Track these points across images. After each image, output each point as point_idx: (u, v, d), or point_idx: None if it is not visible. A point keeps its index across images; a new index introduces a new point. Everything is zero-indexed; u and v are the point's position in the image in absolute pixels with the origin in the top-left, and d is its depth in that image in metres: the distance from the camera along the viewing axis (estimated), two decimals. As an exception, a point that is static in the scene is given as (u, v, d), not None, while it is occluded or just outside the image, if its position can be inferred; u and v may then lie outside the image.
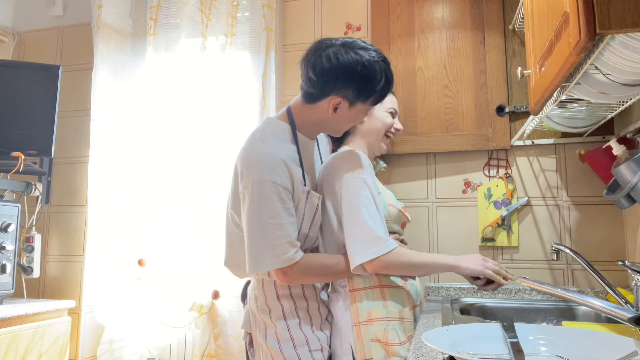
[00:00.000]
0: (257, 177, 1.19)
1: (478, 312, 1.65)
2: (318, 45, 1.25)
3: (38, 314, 1.90)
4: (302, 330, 1.28)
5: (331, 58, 1.21)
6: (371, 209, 1.24)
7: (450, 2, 1.95)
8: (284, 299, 1.30)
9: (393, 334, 1.24)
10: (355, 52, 1.21)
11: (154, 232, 2.11)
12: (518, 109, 1.84)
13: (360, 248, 1.22)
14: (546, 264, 1.80)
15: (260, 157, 1.21)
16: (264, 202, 1.18)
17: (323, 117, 1.28)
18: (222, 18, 2.15)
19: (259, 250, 1.20)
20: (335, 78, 1.21)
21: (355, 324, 1.26)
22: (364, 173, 1.28)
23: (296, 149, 1.28)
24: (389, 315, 1.27)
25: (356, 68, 1.20)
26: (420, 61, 1.96)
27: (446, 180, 1.94)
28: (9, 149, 2.00)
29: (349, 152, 1.35)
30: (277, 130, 1.29)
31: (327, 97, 1.24)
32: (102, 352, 2.05)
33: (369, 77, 1.22)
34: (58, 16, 2.45)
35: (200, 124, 2.11)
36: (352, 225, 1.24)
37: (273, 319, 1.29)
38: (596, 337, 0.92)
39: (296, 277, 1.24)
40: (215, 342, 1.97)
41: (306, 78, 1.26)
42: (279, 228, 1.19)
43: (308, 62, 1.25)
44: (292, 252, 1.20)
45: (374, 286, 1.30)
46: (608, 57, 0.94)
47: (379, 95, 1.27)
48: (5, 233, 1.92)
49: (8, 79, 2.07)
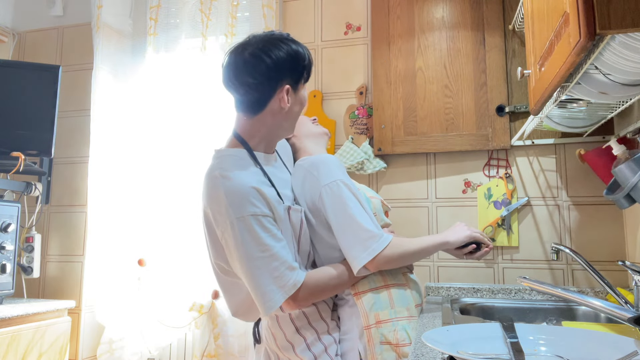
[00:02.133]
0: (234, 217, 1.12)
1: (478, 312, 1.65)
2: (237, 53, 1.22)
3: (38, 314, 1.90)
4: (329, 354, 1.23)
5: (260, 56, 1.18)
6: (358, 208, 1.22)
7: (450, 2, 1.95)
8: (304, 330, 1.23)
9: (403, 335, 1.21)
10: (276, 44, 1.20)
11: (154, 232, 2.11)
12: (518, 109, 1.84)
13: (358, 250, 1.20)
14: (546, 264, 1.80)
15: (228, 194, 1.13)
16: (249, 239, 1.12)
17: (276, 118, 1.24)
18: (222, 18, 2.15)
19: (264, 289, 1.13)
20: (276, 72, 1.19)
21: (366, 327, 1.22)
22: (339, 173, 1.25)
23: (261, 170, 1.21)
24: (397, 315, 1.24)
25: (285, 54, 1.19)
26: (420, 61, 1.96)
27: (446, 180, 1.94)
28: (9, 149, 2.00)
29: (315, 159, 1.31)
30: (233, 160, 1.21)
31: (275, 93, 1.21)
32: (102, 352, 2.05)
33: (299, 58, 1.22)
34: (58, 16, 2.45)
35: (200, 124, 2.11)
36: (344, 229, 1.21)
37: (298, 354, 1.22)
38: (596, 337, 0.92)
39: (306, 298, 1.18)
40: (215, 342, 1.97)
41: (243, 88, 1.21)
42: (273, 259, 1.13)
43: (236, 71, 1.21)
44: (294, 277, 1.15)
45: (379, 287, 1.27)
46: (608, 57, 0.94)
47: (308, 71, 1.26)
48: (5, 233, 1.92)
49: (8, 79, 2.07)
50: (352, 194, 1.23)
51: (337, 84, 2.09)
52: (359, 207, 1.23)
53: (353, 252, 1.20)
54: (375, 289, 1.28)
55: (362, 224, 1.20)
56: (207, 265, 1.96)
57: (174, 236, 2.08)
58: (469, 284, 1.83)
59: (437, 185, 1.94)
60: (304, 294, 1.17)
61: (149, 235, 2.11)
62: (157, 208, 2.12)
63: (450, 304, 1.59)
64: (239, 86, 1.22)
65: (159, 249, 2.09)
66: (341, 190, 1.22)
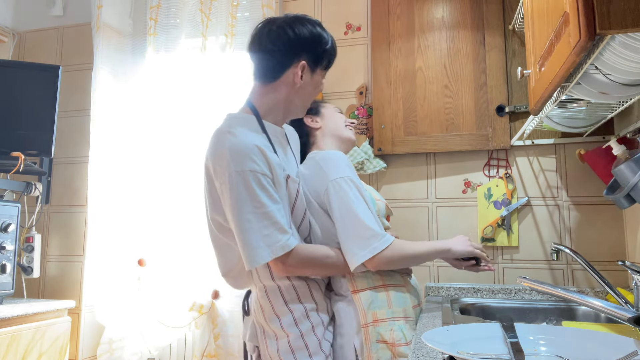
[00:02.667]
0: (233, 169, 1.15)
1: (478, 312, 1.65)
2: (265, 23, 1.29)
3: (38, 314, 1.90)
4: (315, 334, 1.24)
5: (284, 29, 1.25)
6: (362, 207, 1.23)
7: (450, 2, 1.95)
8: (292, 304, 1.24)
9: (399, 335, 1.22)
10: (300, 21, 1.28)
11: (154, 232, 2.11)
12: (518, 109, 1.84)
13: (358, 247, 1.20)
14: (546, 264, 1.80)
15: (232, 149, 1.17)
16: (245, 194, 1.14)
17: (285, 93, 1.28)
18: (222, 18, 2.15)
19: (252, 243, 1.15)
20: (296, 45, 1.25)
21: (364, 326, 1.23)
22: (348, 170, 1.27)
23: (266, 137, 1.25)
24: (394, 315, 1.25)
25: (308, 34, 1.26)
26: (420, 61, 1.96)
27: (446, 180, 1.94)
28: (9, 149, 2.00)
29: (327, 153, 1.33)
30: (242, 122, 1.25)
31: (291, 65, 1.26)
32: (102, 352, 2.05)
33: (321, 41, 1.29)
34: (58, 16, 2.45)
35: (200, 124, 2.11)
36: (346, 225, 1.22)
37: (285, 328, 1.23)
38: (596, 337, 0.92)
39: (296, 266, 1.19)
40: (215, 342, 1.97)
41: (263, 54, 1.27)
42: (265, 217, 1.15)
43: (261, 38, 1.27)
44: (285, 239, 1.16)
45: (378, 286, 1.28)
46: (608, 57, 0.94)
47: (330, 58, 1.33)
48: (5, 233, 1.92)
49: (8, 79, 2.07)
50: (358, 192, 1.24)
51: (337, 83, 2.09)
52: (364, 205, 1.24)
53: (353, 249, 1.21)
54: (374, 288, 1.28)
55: (366, 222, 1.21)
56: (207, 265, 1.99)
57: (174, 236, 2.08)
58: (469, 284, 1.83)
59: (437, 185, 1.94)
60: (294, 261, 1.18)
61: (149, 235, 2.11)
62: (157, 208, 2.12)
63: (450, 304, 1.59)
64: (259, 51, 1.27)
65: (159, 249, 2.09)
66: (349, 187, 1.24)
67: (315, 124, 1.48)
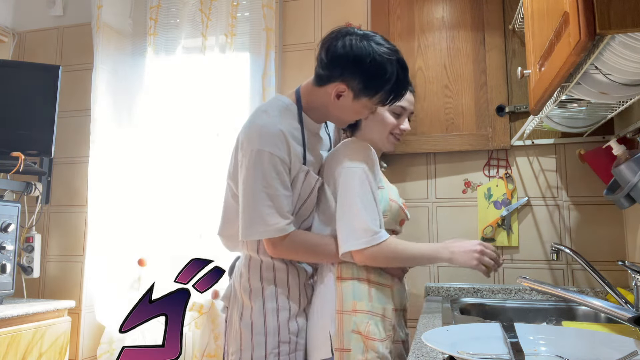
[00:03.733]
0: (255, 147, 1.21)
1: (478, 312, 1.65)
2: (339, 31, 1.26)
3: (38, 314, 1.90)
4: (278, 317, 1.27)
5: (345, 44, 1.21)
6: (367, 200, 1.24)
7: (450, 2, 1.95)
8: (266, 282, 1.30)
9: (375, 329, 1.23)
10: (370, 44, 1.20)
11: (154, 232, 2.10)
12: (518, 109, 1.84)
13: (351, 236, 1.23)
14: (546, 264, 1.80)
15: (260, 128, 1.24)
16: (260, 172, 1.20)
17: (327, 101, 1.28)
18: (222, 18, 2.15)
19: (251, 218, 1.21)
20: (344, 64, 1.21)
21: (339, 312, 1.24)
22: (365, 163, 1.28)
23: (300, 128, 1.28)
24: (373, 310, 1.26)
25: (366, 60, 1.19)
26: (420, 61, 1.96)
27: (446, 180, 1.94)
28: (9, 149, 2.00)
29: (354, 141, 1.35)
30: (282, 105, 1.30)
31: (334, 82, 1.24)
32: (102, 352, 2.05)
33: (378, 73, 1.21)
34: (58, 16, 2.45)
35: (200, 123, 2.11)
36: (346, 212, 1.25)
37: (252, 300, 1.29)
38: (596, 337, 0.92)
39: (285, 250, 1.25)
40: (215, 342, 1.97)
41: (319, 59, 1.27)
42: (271, 198, 1.20)
43: (324, 44, 1.26)
44: (283, 224, 1.22)
45: (361, 279, 1.29)
46: (608, 57, 0.94)
47: (386, 96, 1.25)
48: (5, 233, 1.92)
49: (8, 79, 2.07)
50: (368, 185, 1.26)
51: (337, 84, 2.09)
52: (369, 198, 1.25)
53: (345, 236, 1.24)
54: (358, 279, 1.29)
55: (362, 216, 1.22)
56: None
57: (174, 236, 2.08)
58: (469, 284, 1.83)
59: (437, 185, 1.94)
60: (285, 245, 1.24)
61: (149, 235, 2.11)
62: (157, 208, 2.12)
63: (450, 304, 1.59)
64: (318, 54, 1.28)
65: (159, 249, 2.09)
66: (360, 178, 1.25)
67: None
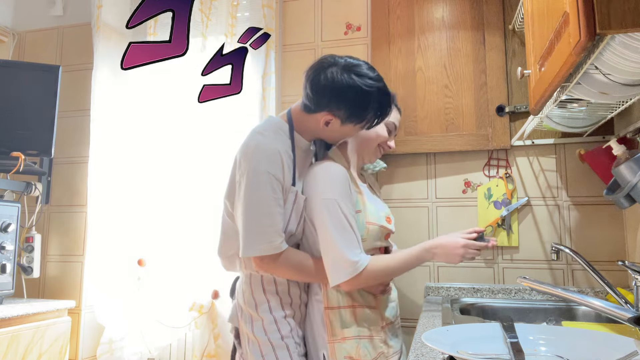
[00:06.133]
0: (253, 166, 1.26)
1: (478, 312, 1.65)
2: (321, 61, 1.32)
3: (38, 314, 1.90)
4: (288, 322, 1.33)
5: (328, 78, 1.28)
6: (342, 230, 1.28)
7: (450, 2, 1.95)
8: (270, 294, 1.34)
9: (365, 351, 1.31)
10: (352, 77, 1.27)
11: (154, 232, 2.10)
12: (518, 109, 1.84)
13: (335, 270, 1.27)
14: (546, 264, 1.80)
15: (257, 148, 1.29)
16: (257, 191, 1.25)
17: (316, 127, 1.36)
18: (222, 18, 2.14)
19: (251, 235, 1.26)
20: (328, 98, 1.29)
21: (330, 342, 1.31)
22: (338, 192, 1.31)
23: (292, 146, 1.34)
24: (360, 333, 1.33)
25: (348, 93, 1.27)
26: (420, 61, 1.96)
27: (446, 180, 1.94)
28: (9, 149, 2.00)
29: (327, 166, 1.36)
30: (276, 126, 1.37)
31: (320, 112, 1.31)
32: (102, 352, 2.05)
33: (361, 104, 1.29)
34: (58, 16, 2.45)
35: (200, 124, 2.10)
36: (326, 247, 1.29)
37: (259, 313, 1.34)
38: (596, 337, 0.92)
39: (275, 267, 1.29)
40: (215, 342, 1.97)
41: (305, 91, 1.33)
42: (268, 216, 1.25)
43: (308, 76, 1.32)
44: (279, 242, 1.26)
45: (347, 306, 1.35)
46: (608, 57, 0.94)
47: (371, 120, 1.34)
48: (5, 233, 1.92)
49: (8, 79, 2.07)
50: (342, 215, 1.29)
51: (337, 84, 2.09)
52: (345, 229, 1.28)
53: (330, 270, 1.29)
54: (344, 307, 1.35)
55: (340, 248, 1.26)
56: (207, 266, 1.99)
57: (174, 236, 2.07)
58: (469, 284, 1.83)
59: (437, 185, 1.94)
60: (279, 263, 1.28)
61: (149, 235, 2.11)
62: (157, 208, 2.12)
63: (450, 304, 1.59)
64: (304, 85, 1.34)
65: (159, 249, 2.09)
66: (334, 209, 1.29)
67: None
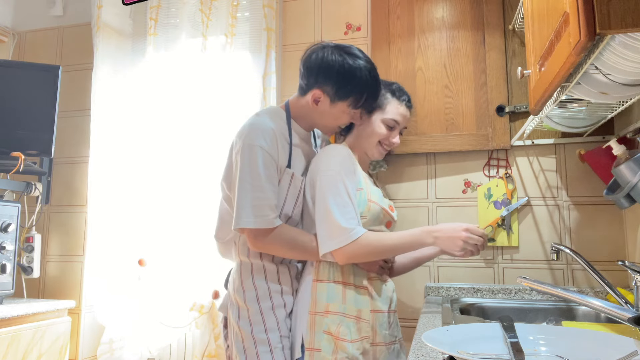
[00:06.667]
0: (247, 142, 1.30)
1: (478, 312, 1.65)
2: (315, 45, 1.41)
3: (38, 314, 1.91)
4: (275, 314, 1.33)
5: (318, 56, 1.36)
6: (340, 201, 1.29)
7: (450, 2, 1.95)
8: (259, 282, 1.35)
9: (345, 330, 1.28)
10: (342, 54, 1.34)
11: (154, 232, 2.10)
12: (518, 109, 1.84)
13: (327, 237, 1.28)
14: (546, 264, 1.80)
15: (251, 126, 1.34)
16: (250, 165, 1.28)
17: (309, 109, 1.39)
18: (222, 18, 2.14)
19: (243, 207, 1.27)
20: (316, 73, 1.35)
21: (311, 313, 1.30)
22: (339, 166, 1.34)
23: (288, 130, 1.38)
24: (346, 312, 1.31)
25: (335, 67, 1.33)
26: (420, 61, 1.96)
27: (446, 180, 1.94)
28: (9, 149, 2.00)
29: (332, 147, 1.42)
30: (272, 110, 1.43)
31: (311, 89, 1.37)
32: (102, 352, 2.05)
33: (347, 78, 1.33)
34: (58, 16, 2.45)
35: (200, 124, 2.10)
36: (322, 215, 1.30)
37: (246, 302, 1.34)
38: (596, 337, 0.92)
39: (268, 243, 1.30)
40: (215, 342, 1.97)
41: (300, 72, 1.41)
42: (259, 190, 1.27)
43: (302, 58, 1.41)
44: (272, 216, 1.28)
45: (336, 281, 1.34)
46: (608, 57, 0.94)
47: (358, 98, 1.36)
48: (5, 233, 1.92)
49: (8, 79, 2.07)
50: (343, 187, 1.31)
51: (337, 84, 2.09)
52: (342, 200, 1.29)
53: (321, 238, 1.30)
54: (333, 282, 1.33)
55: (336, 216, 1.27)
56: (207, 265, 1.99)
57: (174, 236, 2.07)
58: (469, 284, 1.83)
59: (437, 185, 1.94)
60: (271, 239, 1.29)
61: (149, 235, 2.11)
62: (157, 208, 2.12)
63: (450, 304, 1.59)
64: (300, 68, 1.41)
65: (159, 249, 2.09)
66: (334, 180, 1.31)
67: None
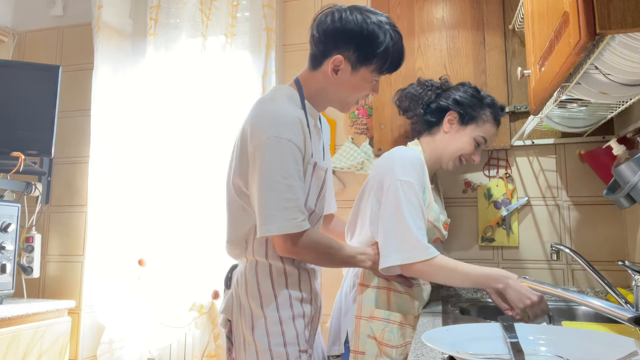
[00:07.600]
0: (272, 134, 1.12)
1: (478, 312, 1.65)
2: (328, 8, 1.24)
3: (38, 314, 1.90)
4: (295, 325, 1.19)
5: (335, 18, 1.20)
6: (416, 215, 1.22)
7: (450, 2, 1.94)
8: (279, 288, 1.20)
9: (390, 336, 1.27)
10: (361, 12, 1.19)
11: (154, 232, 2.11)
12: (518, 109, 1.84)
13: (397, 249, 1.20)
14: (546, 264, 1.80)
15: (274, 114, 1.15)
16: (278, 161, 1.11)
17: (326, 83, 1.24)
18: (222, 18, 2.14)
19: (270, 211, 1.11)
20: (336, 36, 1.19)
21: (357, 317, 1.28)
22: (416, 177, 1.26)
23: (304, 115, 1.22)
24: (391, 318, 1.30)
25: (357, 28, 1.18)
26: (420, 61, 1.96)
27: (446, 180, 1.93)
28: (9, 149, 2.00)
29: (407, 152, 1.33)
30: (287, 94, 1.25)
31: (329, 57, 1.21)
32: (102, 352, 2.05)
33: (371, 38, 1.18)
34: (58, 16, 2.45)
35: (200, 124, 2.11)
36: (395, 225, 1.21)
37: (264, 309, 1.18)
38: (596, 337, 0.92)
39: (301, 249, 1.16)
40: (215, 342, 1.97)
41: (312, 39, 1.24)
42: (290, 190, 1.11)
43: (315, 22, 1.24)
44: (301, 219, 1.13)
45: (382, 287, 1.31)
46: (608, 57, 0.94)
47: (383, 61, 1.21)
48: (5, 233, 1.92)
49: (8, 79, 2.07)
50: (417, 200, 1.23)
51: (337, 84, 2.09)
52: (419, 215, 1.23)
53: (391, 247, 1.21)
54: (378, 288, 1.32)
55: (412, 229, 1.20)
56: (207, 265, 1.99)
57: (174, 236, 2.08)
58: (469, 284, 1.82)
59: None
60: (302, 243, 1.14)
61: (149, 235, 2.11)
62: (157, 208, 2.12)
63: (450, 304, 1.59)
64: (310, 34, 1.25)
65: (159, 249, 2.09)
66: (412, 192, 1.23)
67: (448, 127, 1.44)
